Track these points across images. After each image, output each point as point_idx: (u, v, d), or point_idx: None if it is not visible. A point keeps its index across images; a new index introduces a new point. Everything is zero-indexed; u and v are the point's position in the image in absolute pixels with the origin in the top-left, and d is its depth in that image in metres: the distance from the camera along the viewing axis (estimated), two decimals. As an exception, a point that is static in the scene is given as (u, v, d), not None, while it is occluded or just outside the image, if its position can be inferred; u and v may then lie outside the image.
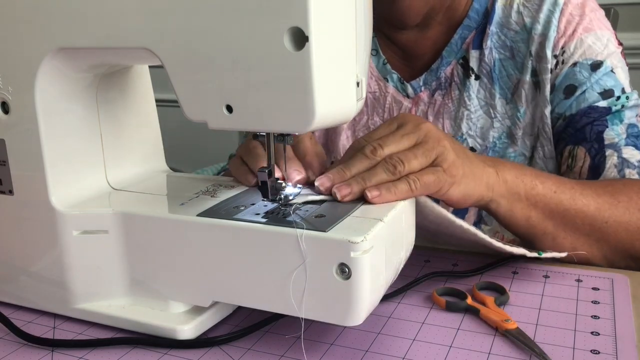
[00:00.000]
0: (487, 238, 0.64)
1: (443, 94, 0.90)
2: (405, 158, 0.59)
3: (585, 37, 0.82)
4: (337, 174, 0.58)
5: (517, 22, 0.85)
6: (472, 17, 0.88)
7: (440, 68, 0.90)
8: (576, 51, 0.82)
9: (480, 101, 0.88)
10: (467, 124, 0.88)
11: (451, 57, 0.89)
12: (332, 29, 0.48)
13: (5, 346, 0.58)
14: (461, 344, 0.55)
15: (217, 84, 0.50)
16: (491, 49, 0.86)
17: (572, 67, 0.82)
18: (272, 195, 0.58)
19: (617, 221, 0.70)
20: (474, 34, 0.88)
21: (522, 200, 0.68)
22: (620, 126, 0.80)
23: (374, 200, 0.56)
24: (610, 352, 0.53)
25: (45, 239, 0.60)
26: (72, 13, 0.54)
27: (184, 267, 0.56)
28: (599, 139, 0.80)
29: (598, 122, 0.81)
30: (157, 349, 0.56)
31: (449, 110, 0.89)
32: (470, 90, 0.88)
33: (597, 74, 0.82)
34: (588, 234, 0.70)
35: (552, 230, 0.70)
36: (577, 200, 0.70)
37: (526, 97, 0.85)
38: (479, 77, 0.88)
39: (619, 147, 0.79)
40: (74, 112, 0.61)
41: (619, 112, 0.81)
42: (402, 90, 0.92)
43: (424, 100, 0.91)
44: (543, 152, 0.85)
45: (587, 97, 0.81)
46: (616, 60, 0.83)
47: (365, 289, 0.49)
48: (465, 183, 0.62)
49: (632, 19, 1.71)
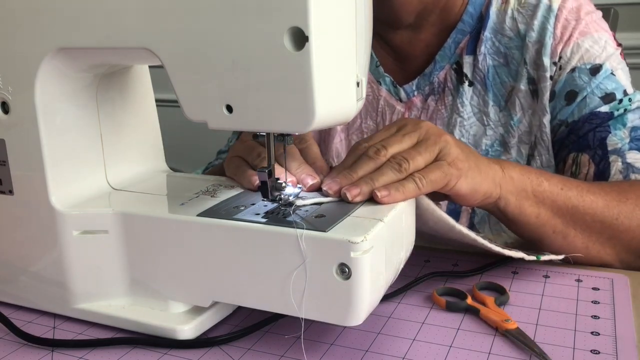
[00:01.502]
0: (486, 243, 0.64)
1: (436, 99, 0.89)
2: (410, 156, 0.59)
3: (582, 42, 0.81)
4: (344, 177, 0.58)
5: (512, 28, 0.85)
6: (466, 22, 0.87)
7: (434, 72, 0.89)
8: (573, 56, 0.81)
9: (473, 108, 0.87)
10: (459, 130, 0.87)
11: (444, 62, 0.89)
12: (332, 29, 0.48)
13: (5, 346, 0.58)
14: (461, 344, 0.55)
15: (217, 84, 0.50)
16: (485, 55, 0.86)
17: (571, 72, 0.81)
18: (272, 195, 0.58)
19: (628, 217, 0.69)
20: (467, 38, 0.87)
21: (529, 198, 0.67)
22: (623, 130, 0.79)
23: (384, 200, 0.55)
24: (610, 352, 0.53)
25: (45, 239, 0.60)
26: (72, 13, 0.54)
27: (184, 267, 0.56)
28: (602, 146, 0.79)
29: (600, 129, 0.80)
30: (157, 349, 0.56)
31: (442, 117, 0.89)
32: (463, 96, 0.87)
33: (597, 78, 0.80)
34: (599, 232, 0.69)
35: (562, 229, 0.69)
36: (584, 197, 0.69)
37: (521, 106, 0.84)
38: (472, 84, 0.87)
39: (622, 152, 0.78)
40: (74, 112, 0.61)
41: (622, 116, 0.80)
42: (394, 94, 0.92)
43: (417, 106, 0.91)
44: (541, 161, 0.85)
45: (589, 103, 0.80)
46: (616, 62, 0.82)
47: (365, 289, 0.49)
48: (472, 176, 0.62)
49: (632, 19, 1.71)
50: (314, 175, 0.61)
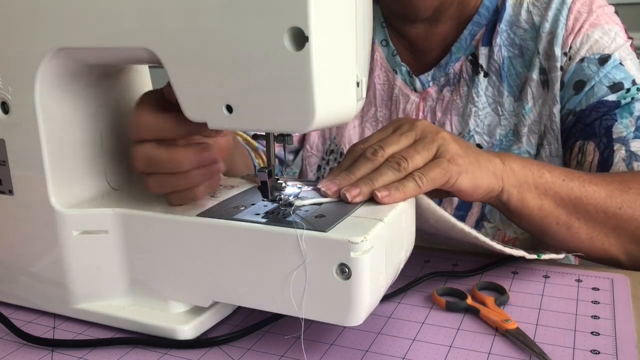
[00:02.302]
0: (487, 241, 0.64)
1: (451, 90, 0.90)
2: (408, 155, 0.59)
3: (591, 32, 0.82)
4: (343, 178, 0.58)
5: (527, 20, 0.86)
6: (482, 14, 0.88)
7: (449, 64, 0.90)
8: (582, 46, 0.82)
9: (488, 98, 0.88)
10: (474, 120, 0.88)
11: (460, 53, 0.89)
12: (332, 29, 0.48)
13: (5, 346, 0.58)
14: (461, 344, 0.55)
15: (217, 84, 0.50)
16: (500, 47, 0.87)
17: (580, 62, 0.82)
18: (272, 196, 0.58)
19: (631, 206, 0.69)
20: (483, 30, 0.88)
21: (532, 190, 0.67)
22: (630, 119, 0.79)
23: (384, 200, 0.55)
24: (610, 352, 0.53)
25: (45, 239, 0.60)
26: (72, 13, 0.54)
27: (184, 267, 0.56)
28: (607, 134, 0.80)
29: (607, 117, 0.80)
30: (157, 349, 0.56)
31: (457, 107, 0.90)
32: (478, 87, 0.88)
33: (606, 67, 0.81)
34: (603, 222, 0.69)
35: (565, 220, 0.69)
36: (587, 187, 0.69)
37: (532, 95, 0.85)
38: (487, 75, 0.88)
39: (627, 140, 0.79)
40: (74, 112, 0.61)
41: (629, 104, 0.80)
42: (410, 84, 0.93)
43: (432, 96, 0.91)
44: (550, 150, 0.85)
45: (596, 92, 0.81)
46: (625, 52, 0.82)
47: (365, 289, 0.49)
48: (472, 171, 0.62)
49: (632, 19, 1.71)
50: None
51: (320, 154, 1.01)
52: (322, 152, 1.01)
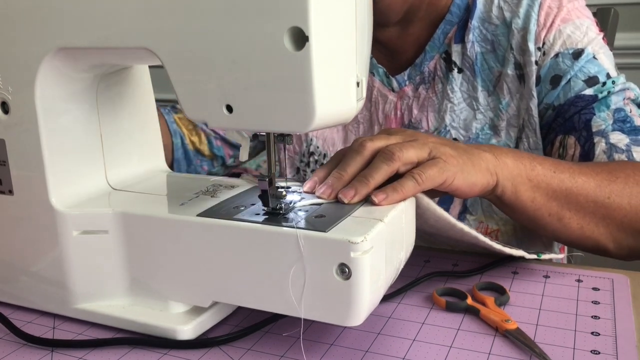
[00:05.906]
0: (487, 241, 0.64)
1: (427, 87, 0.92)
2: (400, 145, 0.59)
3: (563, 28, 0.84)
4: (336, 179, 0.58)
5: (498, 16, 0.87)
6: (453, 12, 0.90)
7: (424, 63, 0.92)
8: (556, 42, 0.84)
9: (463, 94, 0.89)
10: (450, 116, 0.89)
11: (434, 52, 0.91)
12: (332, 29, 0.48)
13: (5, 346, 0.58)
14: (461, 344, 0.55)
15: (217, 84, 0.50)
16: (473, 43, 0.88)
17: (555, 57, 0.84)
18: (273, 204, 0.57)
19: (619, 195, 0.71)
20: (455, 28, 0.90)
21: (525, 183, 0.68)
22: (607, 112, 0.81)
23: (382, 203, 0.55)
24: (610, 352, 0.53)
25: (45, 239, 0.60)
26: (72, 13, 0.54)
27: (184, 267, 0.56)
28: (587, 127, 0.82)
29: (585, 111, 0.82)
30: (157, 349, 0.56)
31: (433, 104, 0.91)
32: (453, 83, 0.89)
33: (580, 61, 0.83)
34: (593, 212, 0.70)
35: (557, 211, 0.70)
36: (577, 179, 0.70)
37: (509, 90, 0.87)
38: (461, 71, 0.89)
39: (606, 133, 0.80)
40: (74, 112, 0.61)
41: (605, 98, 0.82)
42: (387, 85, 0.94)
43: (409, 94, 0.93)
44: (528, 144, 0.87)
45: (573, 86, 0.83)
46: (598, 46, 0.84)
47: (365, 289, 0.49)
48: (467, 171, 0.62)
49: (632, 19, 1.71)
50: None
51: (297, 156, 1.01)
52: (300, 154, 1.01)
